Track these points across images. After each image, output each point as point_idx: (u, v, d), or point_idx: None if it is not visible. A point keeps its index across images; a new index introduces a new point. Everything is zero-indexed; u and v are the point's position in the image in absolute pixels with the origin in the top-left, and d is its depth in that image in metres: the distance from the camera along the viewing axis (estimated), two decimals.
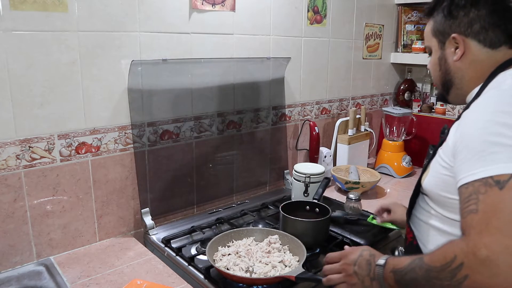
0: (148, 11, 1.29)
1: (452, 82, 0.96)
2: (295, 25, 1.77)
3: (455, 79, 0.94)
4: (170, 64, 1.35)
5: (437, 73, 0.98)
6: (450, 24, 0.91)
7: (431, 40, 0.97)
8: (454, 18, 0.90)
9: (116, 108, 1.28)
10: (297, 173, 1.58)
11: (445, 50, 0.94)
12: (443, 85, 0.98)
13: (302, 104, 1.89)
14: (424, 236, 0.94)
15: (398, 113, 2.07)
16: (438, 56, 0.96)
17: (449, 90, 0.98)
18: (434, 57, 0.98)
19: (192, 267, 1.15)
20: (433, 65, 0.99)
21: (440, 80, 0.98)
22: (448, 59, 0.94)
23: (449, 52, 0.93)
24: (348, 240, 1.30)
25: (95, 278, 1.11)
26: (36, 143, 1.15)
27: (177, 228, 1.38)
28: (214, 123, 1.54)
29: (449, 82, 0.96)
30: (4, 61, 1.05)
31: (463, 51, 0.90)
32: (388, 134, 2.14)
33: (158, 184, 1.40)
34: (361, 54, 2.17)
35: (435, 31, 0.95)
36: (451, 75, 0.95)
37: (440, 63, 0.96)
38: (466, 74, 0.92)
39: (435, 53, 0.97)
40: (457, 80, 0.94)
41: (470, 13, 0.89)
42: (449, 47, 0.93)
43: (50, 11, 1.10)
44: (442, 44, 0.94)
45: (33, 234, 1.17)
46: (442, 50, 0.95)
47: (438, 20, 0.94)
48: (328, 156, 1.91)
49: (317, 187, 1.44)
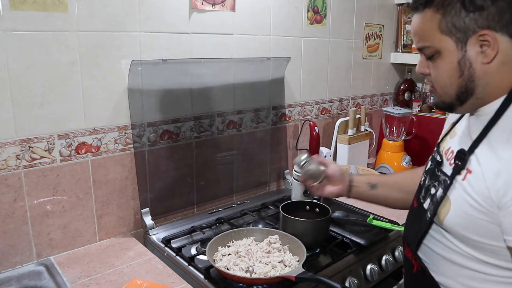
0: (148, 11, 1.29)
1: (473, 91, 0.76)
2: (295, 25, 1.77)
3: (478, 87, 0.76)
4: (170, 64, 1.35)
5: (453, 80, 0.77)
6: (475, 18, 0.71)
7: (439, 39, 0.76)
8: (480, 9, 0.71)
9: (116, 108, 1.28)
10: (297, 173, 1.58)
11: (468, 50, 0.74)
12: (460, 95, 0.78)
13: (302, 104, 1.89)
14: (441, 268, 0.84)
15: (398, 113, 2.07)
16: (457, 59, 0.75)
17: (465, 100, 0.78)
18: (449, 60, 0.76)
19: (192, 267, 1.15)
20: (447, 70, 0.77)
21: (458, 89, 0.77)
22: (474, 62, 0.74)
23: (474, 53, 0.74)
24: (348, 240, 1.30)
25: (95, 278, 1.11)
26: (36, 143, 1.15)
27: (177, 228, 1.38)
28: (214, 123, 1.54)
29: (470, 91, 0.76)
30: (4, 61, 1.05)
31: (496, 50, 0.72)
32: (388, 134, 2.14)
33: (158, 184, 1.40)
34: (361, 54, 2.17)
35: (449, 28, 0.74)
36: (474, 83, 0.75)
37: (461, 68, 0.75)
38: (492, 80, 0.75)
39: (449, 56, 0.76)
40: (480, 88, 0.76)
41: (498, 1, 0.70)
42: (473, 46, 0.73)
43: (50, 11, 1.10)
44: (462, 43, 0.74)
45: (33, 234, 1.17)
46: (463, 51, 0.74)
47: (453, 14, 0.73)
48: (328, 156, 1.91)
49: None
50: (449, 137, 0.90)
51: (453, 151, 0.84)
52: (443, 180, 0.82)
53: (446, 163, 0.85)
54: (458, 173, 0.78)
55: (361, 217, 1.45)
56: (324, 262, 1.19)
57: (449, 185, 0.79)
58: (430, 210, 0.84)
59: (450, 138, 0.90)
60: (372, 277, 1.23)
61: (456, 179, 0.79)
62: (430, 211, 0.84)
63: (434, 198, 0.84)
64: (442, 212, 0.81)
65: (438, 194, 0.83)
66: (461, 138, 0.85)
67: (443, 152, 0.88)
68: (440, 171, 0.85)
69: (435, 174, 0.86)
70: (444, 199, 0.80)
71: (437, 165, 0.87)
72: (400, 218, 1.45)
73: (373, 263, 1.26)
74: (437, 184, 0.84)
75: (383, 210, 1.55)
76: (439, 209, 0.81)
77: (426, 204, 0.87)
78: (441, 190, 0.82)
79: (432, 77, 0.81)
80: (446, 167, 0.84)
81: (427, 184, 0.89)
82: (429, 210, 0.85)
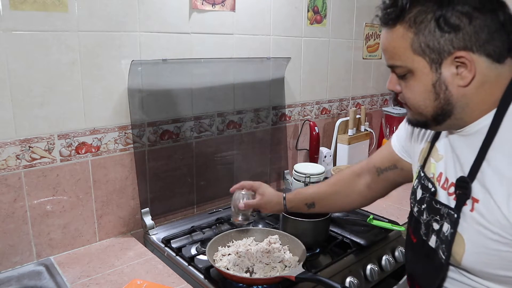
0: (148, 11, 1.29)
1: (451, 113, 0.72)
2: (295, 25, 1.77)
3: (456, 109, 0.71)
4: (170, 64, 1.35)
5: (430, 103, 0.72)
6: (450, 38, 0.66)
7: (411, 59, 0.70)
8: (456, 29, 0.66)
9: (116, 108, 1.28)
10: (297, 173, 1.58)
11: (442, 72, 0.69)
12: (436, 117, 0.73)
13: (302, 104, 1.89)
14: None
15: (398, 113, 2.07)
16: (431, 82, 0.70)
17: (442, 121, 0.74)
18: (423, 83, 0.71)
19: (192, 267, 1.15)
20: (420, 92, 0.72)
21: (434, 111, 0.73)
22: (449, 85, 0.69)
23: (449, 75, 0.69)
24: (348, 240, 1.30)
25: (95, 278, 1.11)
26: (36, 143, 1.15)
27: (177, 228, 1.38)
28: (214, 123, 1.54)
29: (447, 113, 0.72)
30: (4, 61, 1.05)
31: (473, 72, 0.67)
32: (388, 134, 2.14)
33: (158, 184, 1.40)
34: (361, 54, 2.17)
35: (422, 48, 0.69)
36: (452, 105, 0.71)
37: (436, 91, 0.70)
38: (471, 101, 0.70)
39: (422, 77, 0.71)
40: (459, 109, 0.71)
41: (475, 19, 0.66)
42: (448, 68, 0.69)
43: (50, 11, 1.10)
44: (436, 65, 0.69)
45: (33, 234, 1.17)
46: (438, 74, 0.69)
47: (427, 33, 0.68)
48: (328, 156, 1.91)
49: None
50: (434, 160, 0.82)
51: (447, 179, 0.77)
52: (447, 213, 0.74)
53: (443, 193, 0.77)
54: (463, 204, 0.71)
55: (361, 217, 1.45)
56: (324, 262, 1.19)
57: (456, 219, 0.72)
58: (441, 251, 0.75)
59: (436, 161, 0.81)
60: (372, 277, 1.23)
61: (463, 211, 0.71)
62: (443, 251, 0.75)
63: (441, 235, 0.75)
64: (457, 252, 0.72)
65: (445, 231, 0.74)
66: (451, 162, 0.77)
67: (434, 179, 0.80)
68: (439, 203, 0.77)
69: (433, 207, 0.78)
70: (455, 237, 0.72)
71: (431, 196, 0.79)
72: (400, 218, 1.45)
73: (373, 263, 1.26)
74: (440, 218, 0.76)
75: (383, 210, 1.55)
76: (453, 248, 0.73)
77: (432, 243, 0.78)
78: (447, 226, 0.73)
79: (404, 96, 0.76)
80: (443, 198, 0.77)
81: (426, 219, 0.80)
82: (440, 250, 0.76)
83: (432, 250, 0.78)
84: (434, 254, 0.77)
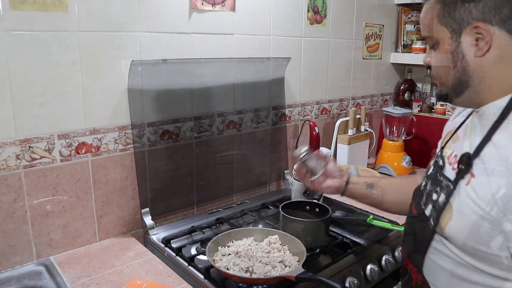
0: (148, 11, 1.29)
1: (468, 84, 0.76)
2: (295, 25, 1.77)
3: (473, 81, 0.75)
4: (170, 64, 1.35)
5: (448, 71, 0.77)
6: (470, 9, 0.71)
7: (437, 29, 0.77)
8: (476, 0, 0.71)
9: (116, 108, 1.28)
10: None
11: (462, 42, 0.74)
12: (455, 87, 0.78)
13: (302, 104, 1.89)
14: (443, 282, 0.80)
15: (398, 113, 2.07)
16: (451, 51, 0.76)
17: (461, 93, 0.78)
18: (444, 52, 0.77)
19: (192, 267, 1.15)
20: (442, 61, 0.78)
21: (452, 80, 0.78)
22: (466, 54, 0.74)
23: (468, 45, 0.73)
24: (348, 240, 1.30)
25: (95, 278, 1.11)
26: (36, 143, 1.15)
27: (177, 228, 1.38)
28: (214, 123, 1.54)
29: (464, 84, 0.76)
30: (4, 61, 1.05)
31: (489, 44, 0.71)
32: (388, 134, 2.14)
33: (158, 184, 1.40)
34: (361, 54, 2.17)
35: (446, 18, 0.75)
36: (469, 76, 0.75)
37: (454, 59, 0.76)
38: (488, 76, 0.74)
39: (444, 47, 0.77)
40: (475, 82, 0.75)
41: None
42: (467, 38, 0.73)
43: (50, 11, 1.10)
44: (456, 35, 0.74)
45: (33, 234, 1.17)
46: (457, 43, 0.74)
47: (450, 4, 0.73)
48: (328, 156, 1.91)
49: None
50: (452, 142, 0.88)
51: (456, 155, 0.81)
52: (446, 185, 0.79)
53: (449, 168, 0.82)
54: (462, 177, 0.75)
55: (361, 217, 1.45)
56: (324, 262, 1.19)
57: (452, 190, 0.76)
58: (432, 218, 0.80)
59: (453, 143, 0.87)
60: (372, 277, 1.23)
61: (459, 184, 0.75)
62: (433, 218, 0.80)
63: (436, 204, 0.80)
64: (444, 219, 0.77)
65: (440, 200, 0.79)
66: (464, 141, 0.82)
67: (446, 156, 0.85)
68: (442, 176, 0.82)
69: (437, 179, 0.83)
70: (447, 206, 0.77)
71: (439, 170, 0.84)
72: (401, 218, 1.45)
73: (373, 263, 1.26)
74: (439, 189, 0.81)
75: None
76: (441, 216, 0.77)
77: (428, 211, 0.83)
78: (443, 196, 0.78)
79: (432, 68, 0.83)
80: (448, 172, 0.81)
81: (428, 190, 0.85)
82: (432, 217, 0.81)
83: (426, 218, 0.82)
84: (426, 221, 0.82)
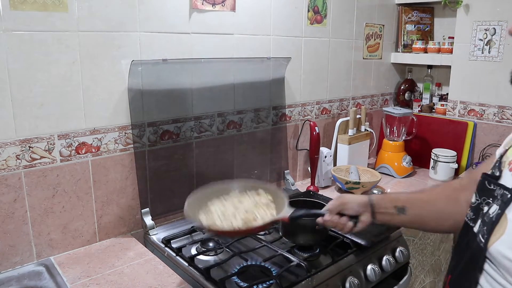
0: (148, 11, 1.29)
1: None
2: (295, 25, 1.76)
3: None
4: (170, 64, 1.35)
5: None
6: None
7: None
8: None
9: (116, 108, 1.28)
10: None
11: None
12: None
13: (302, 104, 1.89)
14: None
15: (399, 113, 2.07)
16: None
17: None
18: None
19: (192, 267, 1.15)
20: None
21: None
22: None
23: None
24: (348, 240, 1.29)
25: (95, 278, 1.11)
26: (36, 143, 1.15)
27: (177, 228, 1.38)
28: (214, 123, 1.54)
29: None
30: (4, 61, 1.05)
31: None
32: (388, 134, 2.14)
33: (158, 184, 1.40)
34: (362, 54, 2.17)
35: None
36: None
37: None
38: None
39: None
40: None
41: None
42: None
43: (50, 11, 1.10)
44: None
45: (33, 234, 1.17)
46: None
47: None
48: (329, 156, 1.91)
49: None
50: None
51: None
52: (501, 194, 0.67)
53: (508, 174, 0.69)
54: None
55: None
56: (324, 262, 1.19)
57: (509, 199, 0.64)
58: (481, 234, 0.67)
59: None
60: (373, 277, 1.23)
61: None
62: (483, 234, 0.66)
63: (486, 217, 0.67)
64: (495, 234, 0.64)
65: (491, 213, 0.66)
66: None
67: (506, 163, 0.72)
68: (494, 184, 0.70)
69: (486, 189, 0.71)
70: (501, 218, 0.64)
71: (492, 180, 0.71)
72: None
73: (374, 263, 1.25)
74: (492, 200, 0.69)
75: None
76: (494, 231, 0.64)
77: (476, 228, 0.70)
78: (496, 207, 0.66)
79: None
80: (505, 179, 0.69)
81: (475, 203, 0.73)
82: (481, 233, 0.67)
83: (474, 235, 0.69)
84: (473, 239, 0.69)
